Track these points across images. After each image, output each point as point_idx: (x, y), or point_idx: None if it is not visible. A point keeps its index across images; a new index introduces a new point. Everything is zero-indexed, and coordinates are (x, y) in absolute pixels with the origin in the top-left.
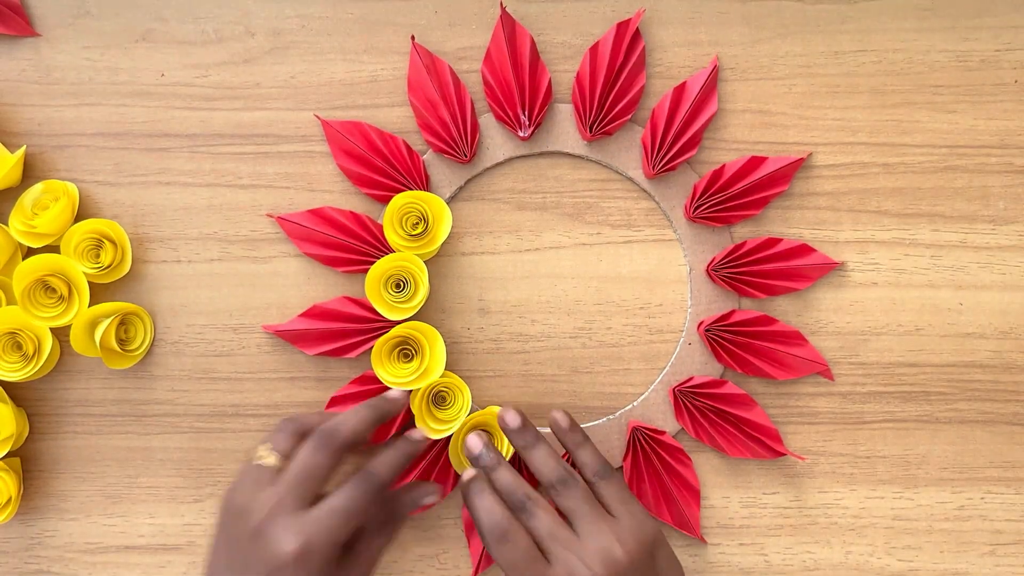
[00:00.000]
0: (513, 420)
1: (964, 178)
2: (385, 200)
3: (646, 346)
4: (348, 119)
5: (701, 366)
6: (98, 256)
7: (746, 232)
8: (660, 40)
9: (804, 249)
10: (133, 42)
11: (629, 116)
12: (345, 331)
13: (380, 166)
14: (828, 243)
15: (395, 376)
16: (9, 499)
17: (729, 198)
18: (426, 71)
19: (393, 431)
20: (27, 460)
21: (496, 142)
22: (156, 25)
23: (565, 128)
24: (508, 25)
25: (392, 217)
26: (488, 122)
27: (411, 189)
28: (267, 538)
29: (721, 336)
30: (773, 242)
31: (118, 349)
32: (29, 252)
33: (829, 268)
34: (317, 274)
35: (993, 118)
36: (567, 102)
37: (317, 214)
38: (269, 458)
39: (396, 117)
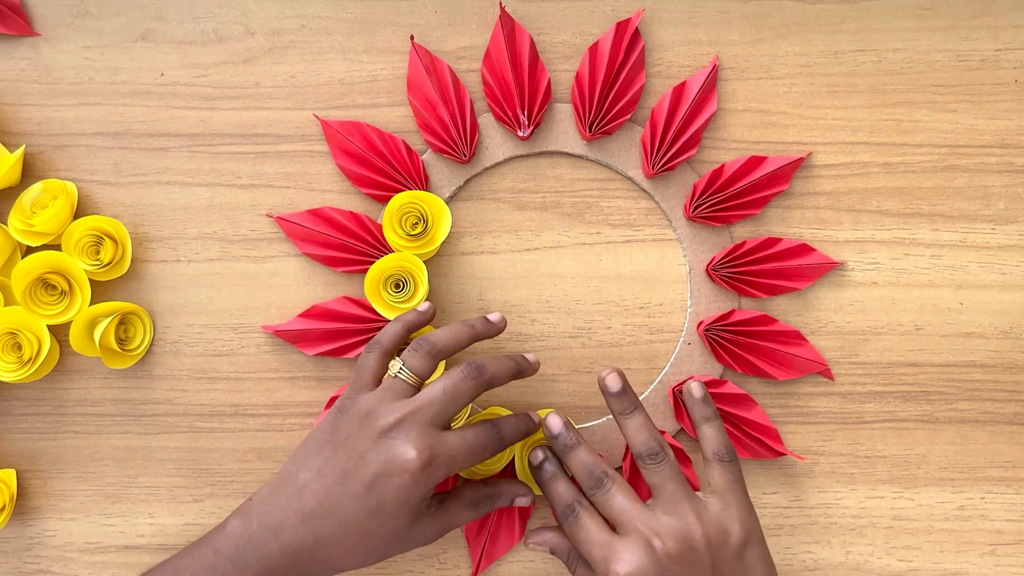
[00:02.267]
0: (614, 383)
1: (964, 178)
2: (384, 200)
3: (646, 346)
4: (348, 119)
5: (701, 366)
6: (98, 253)
7: (746, 232)
8: (660, 40)
9: (804, 249)
10: (133, 42)
11: (628, 116)
12: (344, 331)
13: (379, 166)
14: (828, 243)
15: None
16: (3, 507)
17: (729, 197)
18: (425, 71)
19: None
20: (27, 460)
21: (495, 142)
22: (156, 25)
23: (565, 128)
24: (507, 25)
25: (391, 217)
26: (487, 122)
27: (410, 189)
28: (394, 441)
29: (721, 336)
30: (773, 242)
31: (118, 349)
32: (28, 251)
33: (829, 268)
34: (317, 274)
35: (993, 118)
36: (566, 102)
37: (316, 214)
38: (404, 373)
39: (396, 117)
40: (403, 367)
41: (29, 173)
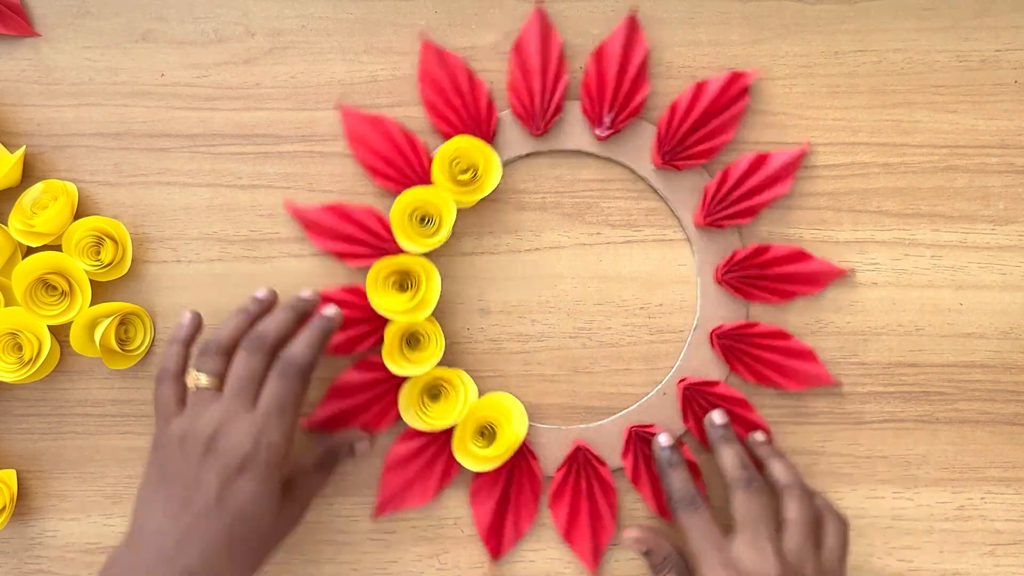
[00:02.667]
0: (720, 417)
1: (964, 178)
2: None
3: (646, 346)
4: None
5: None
6: (98, 253)
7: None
8: (660, 40)
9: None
10: (133, 42)
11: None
12: (357, 238)
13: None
14: (828, 243)
15: (391, 305)
16: (3, 507)
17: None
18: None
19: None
20: (27, 460)
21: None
22: (156, 25)
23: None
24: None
25: (442, 161)
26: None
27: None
28: (223, 445)
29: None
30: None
31: (118, 349)
32: (29, 252)
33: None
34: (317, 274)
35: (993, 118)
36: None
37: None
38: (202, 380)
39: (396, 116)
40: (199, 373)
41: (29, 173)
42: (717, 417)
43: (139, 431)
